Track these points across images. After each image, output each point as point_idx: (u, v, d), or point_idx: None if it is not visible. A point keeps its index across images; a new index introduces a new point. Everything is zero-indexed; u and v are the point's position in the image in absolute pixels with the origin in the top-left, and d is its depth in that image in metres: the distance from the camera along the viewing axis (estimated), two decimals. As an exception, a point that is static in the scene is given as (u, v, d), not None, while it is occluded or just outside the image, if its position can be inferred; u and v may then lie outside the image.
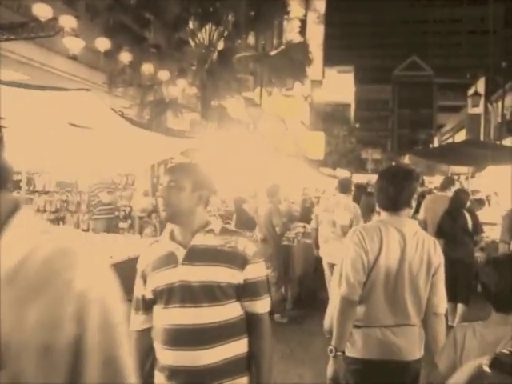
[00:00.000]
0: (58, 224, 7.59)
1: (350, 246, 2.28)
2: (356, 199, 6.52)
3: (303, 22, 28.44)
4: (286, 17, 21.70)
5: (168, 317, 1.81)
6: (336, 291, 2.34)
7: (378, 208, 2.43)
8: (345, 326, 2.23)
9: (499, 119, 22.34)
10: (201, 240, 1.83)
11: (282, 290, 6.13)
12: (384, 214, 2.35)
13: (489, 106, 26.18)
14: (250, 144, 12.26)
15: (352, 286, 2.21)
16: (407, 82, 68.83)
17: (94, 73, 11.29)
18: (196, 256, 1.80)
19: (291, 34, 23.44)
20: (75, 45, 8.32)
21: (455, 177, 9.82)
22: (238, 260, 1.81)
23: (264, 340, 1.87)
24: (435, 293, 2.27)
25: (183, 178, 1.83)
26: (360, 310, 2.25)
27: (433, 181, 13.44)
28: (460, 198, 5.83)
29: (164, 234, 1.92)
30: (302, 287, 6.90)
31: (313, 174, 18.40)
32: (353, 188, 6.39)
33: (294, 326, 5.78)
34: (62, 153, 5.42)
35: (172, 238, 1.88)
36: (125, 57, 10.29)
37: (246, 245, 1.85)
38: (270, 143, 15.26)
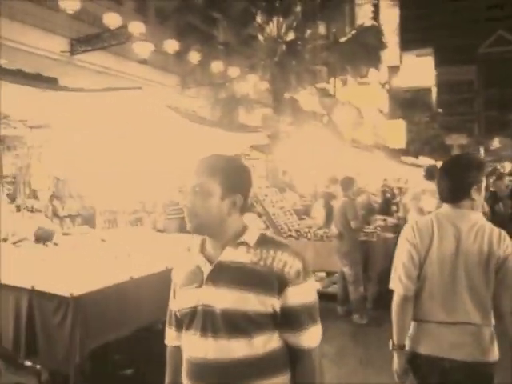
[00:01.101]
0: (136, 225, 7.78)
1: (402, 241, 2.25)
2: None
3: (376, 7, 27.36)
4: (357, 2, 20.96)
5: (189, 346, 1.53)
6: None
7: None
8: (403, 322, 2.21)
9: None
10: (229, 255, 1.48)
11: (361, 288, 5.77)
12: (444, 206, 2.26)
13: None
14: (324, 136, 11.91)
15: (405, 283, 2.17)
16: (494, 60, 64.04)
17: (166, 75, 11.57)
18: (221, 275, 1.46)
19: (363, 20, 22.61)
20: (145, 49, 8.50)
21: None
22: (272, 282, 1.42)
23: (310, 380, 1.49)
24: (505, 289, 2.07)
25: (210, 180, 1.46)
26: (415, 303, 2.19)
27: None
28: None
29: (195, 242, 1.60)
30: (382, 285, 6.46)
31: (393, 163, 17.63)
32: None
33: (374, 327, 5.38)
34: (133, 153, 5.48)
35: (202, 249, 1.56)
36: (194, 57, 10.40)
37: (287, 261, 1.44)
38: (346, 134, 14.77)
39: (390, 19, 29.94)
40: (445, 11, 72.71)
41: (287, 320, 1.45)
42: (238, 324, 1.42)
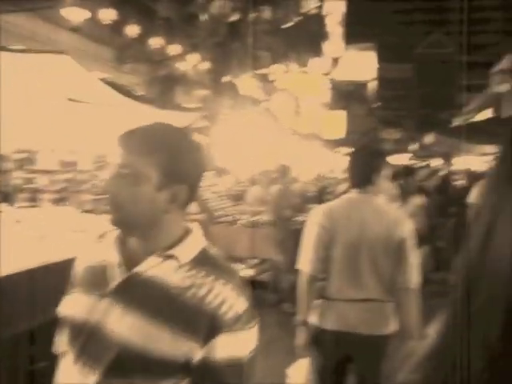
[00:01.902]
0: (62, 204, 7.30)
1: (311, 224, 2.40)
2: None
3: (322, -3, 27.48)
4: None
5: (61, 371, 1.10)
6: None
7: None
8: (308, 300, 2.36)
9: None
10: (152, 268, 1.05)
11: (293, 277, 5.74)
12: (352, 191, 2.45)
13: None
14: (262, 122, 11.82)
15: (311, 263, 2.33)
16: (429, 61, 67.00)
17: (101, 48, 10.92)
18: (132, 292, 1.04)
19: (309, 8, 22.67)
20: (77, 15, 7.93)
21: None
22: (199, 322, 1.01)
23: None
24: (402, 267, 2.27)
25: (144, 160, 1.03)
26: (324, 283, 2.34)
27: (458, 161, 12.87)
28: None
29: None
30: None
31: (329, 153, 17.91)
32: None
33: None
34: (60, 128, 5.08)
35: (120, 242, 1.12)
36: (132, 30, 9.89)
37: (228, 298, 1.03)
38: (284, 121, 14.77)
39: (336, 10, 30.22)
40: (390, 9, 74.81)
41: (208, 377, 1.03)
42: (131, 363, 1.00)
